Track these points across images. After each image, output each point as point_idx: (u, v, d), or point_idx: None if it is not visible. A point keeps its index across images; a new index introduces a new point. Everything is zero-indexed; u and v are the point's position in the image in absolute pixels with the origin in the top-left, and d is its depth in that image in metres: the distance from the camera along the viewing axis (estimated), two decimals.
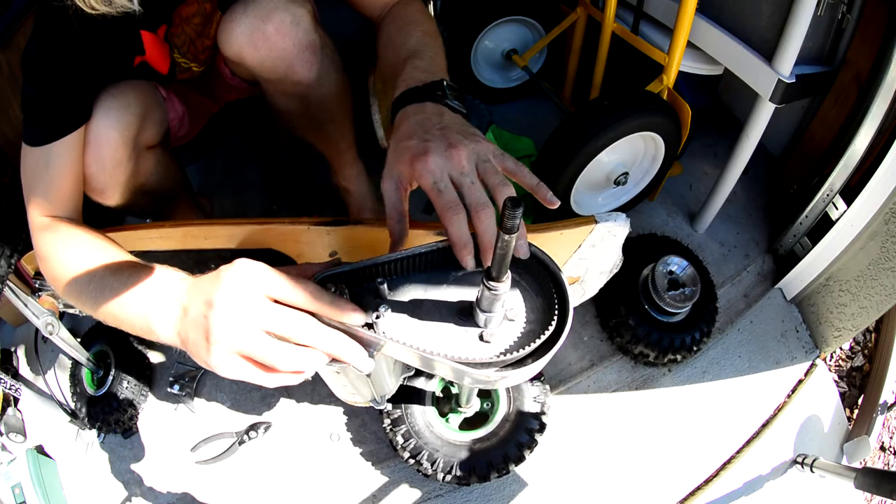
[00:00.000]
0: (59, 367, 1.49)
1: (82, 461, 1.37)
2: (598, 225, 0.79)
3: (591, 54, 1.50)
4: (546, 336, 0.50)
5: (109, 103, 0.87)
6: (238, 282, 0.47)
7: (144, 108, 0.93)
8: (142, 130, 0.94)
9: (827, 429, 1.35)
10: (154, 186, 1.07)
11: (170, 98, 1.08)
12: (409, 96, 0.66)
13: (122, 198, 0.97)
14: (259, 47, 0.90)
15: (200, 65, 1.07)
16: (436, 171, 0.54)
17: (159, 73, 1.01)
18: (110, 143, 0.87)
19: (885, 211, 1.13)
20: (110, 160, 0.89)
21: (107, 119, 0.87)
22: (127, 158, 0.92)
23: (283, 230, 0.85)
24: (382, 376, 0.70)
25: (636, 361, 1.31)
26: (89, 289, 0.68)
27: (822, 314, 1.38)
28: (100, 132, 0.86)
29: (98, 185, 0.91)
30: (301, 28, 0.91)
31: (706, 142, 1.69)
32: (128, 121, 0.89)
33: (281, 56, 0.92)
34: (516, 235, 0.41)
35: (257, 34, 0.89)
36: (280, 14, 0.88)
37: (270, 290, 0.47)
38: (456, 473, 1.08)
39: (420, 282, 0.57)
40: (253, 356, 0.47)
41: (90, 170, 0.88)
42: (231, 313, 0.46)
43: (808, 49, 1.18)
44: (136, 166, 0.96)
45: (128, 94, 0.90)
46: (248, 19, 0.88)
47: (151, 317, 0.56)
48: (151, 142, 0.99)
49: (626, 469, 1.23)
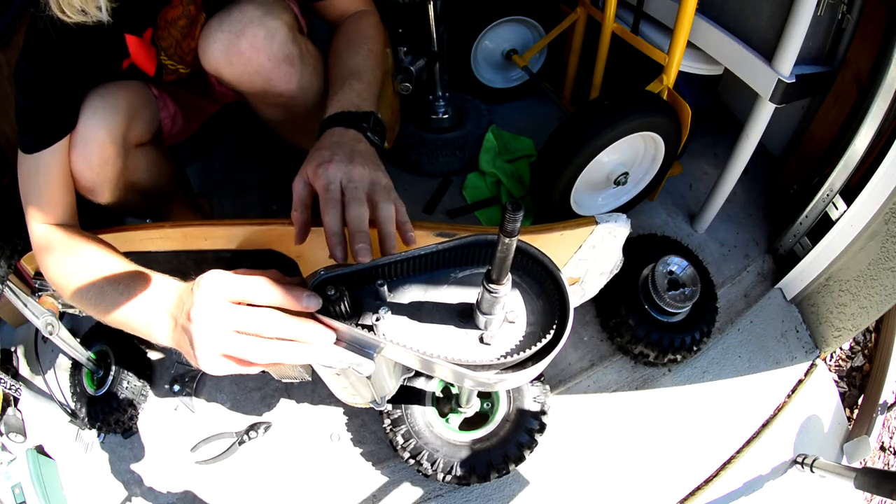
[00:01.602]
0: (59, 367, 1.49)
1: (82, 461, 1.37)
2: (599, 226, 0.79)
3: (591, 54, 1.50)
4: (547, 339, 0.50)
5: (97, 103, 0.88)
6: (205, 293, 0.52)
7: (132, 107, 0.94)
8: (130, 128, 0.94)
9: (827, 429, 1.35)
10: (147, 184, 1.07)
11: (162, 97, 1.08)
12: (338, 119, 0.77)
13: (112, 196, 0.98)
14: (234, 63, 0.89)
15: (188, 66, 1.07)
16: (331, 176, 0.66)
17: (146, 75, 1.01)
18: (97, 140, 0.88)
19: (885, 211, 1.13)
20: (97, 158, 0.90)
21: (94, 118, 0.88)
22: (115, 156, 0.92)
23: (282, 231, 0.85)
24: (382, 377, 0.70)
25: (636, 361, 1.31)
26: (89, 296, 0.72)
27: (822, 314, 1.38)
28: (87, 131, 0.87)
29: (87, 184, 0.92)
30: (276, 41, 0.89)
31: (706, 142, 1.69)
32: (115, 119, 0.90)
33: (257, 71, 0.91)
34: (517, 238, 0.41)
35: (232, 50, 0.88)
36: (254, 29, 0.87)
37: (232, 294, 0.52)
38: (456, 473, 1.08)
39: (420, 283, 0.57)
40: (232, 354, 0.52)
41: (78, 168, 0.89)
42: (204, 322, 0.52)
43: (808, 49, 1.18)
44: (126, 164, 0.97)
45: (116, 93, 0.91)
46: (222, 35, 0.88)
47: (150, 326, 0.62)
48: (141, 140, 1.00)
49: (626, 469, 1.23)
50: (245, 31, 0.87)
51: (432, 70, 1.49)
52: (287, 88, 0.96)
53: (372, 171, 0.68)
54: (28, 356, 1.58)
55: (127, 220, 1.40)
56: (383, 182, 0.68)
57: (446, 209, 1.56)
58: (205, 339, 0.52)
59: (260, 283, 0.52)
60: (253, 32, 0.87)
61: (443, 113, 1.63)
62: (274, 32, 0.89)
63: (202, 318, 0.52)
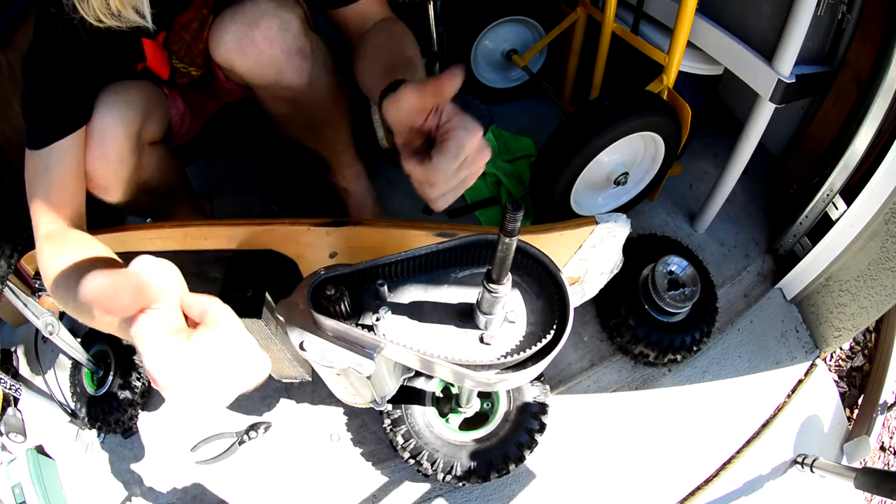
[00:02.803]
0: (59, 367, 1.48)
1: (82, 461, 1.37)
2: (599, 226, 0.79)
3: (591, 54, 1.50)
4: (547, 339, 0.50)
5: (113, 99, 0.87)
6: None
7: (147, 105, 0.93)
8: (145, 126, 0.93)
9: (827, 429, 1.35)
10: (156, 184, 1.07)
11: (172, 95, 1.08)
12: None
13: (124, 194, 0.97)
14: (247, 54, 0.89)
15: (199, 68, 1.07)
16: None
17: (160, 78, 1.01)
18: (115, 137, 0.87)
19: (885, 211, 1.13)
20: (114, 155, 0.89)
21: (110, 115, 0.86)
22: (130, 153, 0.92)
23: (283, 231, 0.85)
24: (383, 378, 0.70)
25: (636, 361, 1.31)
26: (63, 287, 0.70)
27: (822, 314, 1.38)
28: (104, 127, 0.86)
29: (102, 182, 0.91)
30: (290, 33, 0.90)
31: (706, 142, 1.69)
32: (131, 116, 0.89)
33: (270, 62, 0.91)
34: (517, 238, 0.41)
35: (245, 41, 0.88)
36: (268, 20, 0.87)
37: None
38: (456, 473, 1.08)
39: (420, 283, 0.57)
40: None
41: (94, 165, 0.88)
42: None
43: (808, 49, 1.18)
44: (139, 162, 0.96)
45: (131, 90, 0.90)
46: (235, 26, 0.88)
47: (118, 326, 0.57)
48: (154, 138, 0.99)
49: (626, 469, 1.23)
50: (259, 22, 0.87)
51: (432, 70, 1.50)
52: (298, 82, 0.96)
53: None
54: (28, 356, 1.58)
55: (127, 219, 1.40)
56: None
57: (446, 209, 1.56)
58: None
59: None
60: (267, 23, 0.87)
61: None
62: (287, 24, 0.89)
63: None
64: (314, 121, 1.10)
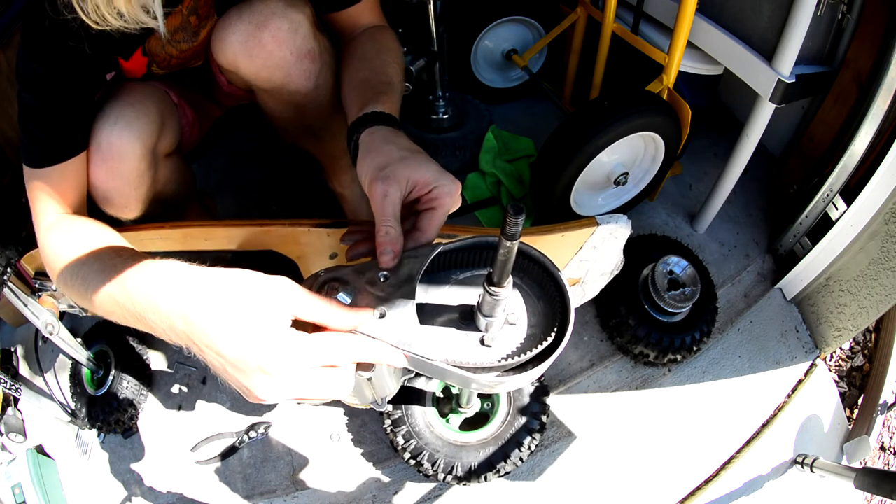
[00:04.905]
0: (59, 367, 1.48)
1: (82, 461, 1.37)
2: (600, 227, 0.79)
3: (591, 54, 1.50)
4: (548, 342, 0.50)
5: (128, 112, 0.82)
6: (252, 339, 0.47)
7: (161, 115, 0.88)
8: (161, 139, 0.89)
9: (827, 429, 1.35)
10: (169, 195, 1.03)
11: (181, 104, 1.04)
12: (394, 123, 0.72)
13: (141, 211, 0.93)
14: (255, 56, 0.84)
15: (170, 70, 1.01)
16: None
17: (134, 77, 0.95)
18: (133, 153, 0.83)
19: (885, 211, 1.13)
20: (134, 172, 0.85)
21: (126, 129, 0.82)
22: (147, 168, 0.88)
23: (283, 232, 0.85)
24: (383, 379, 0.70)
25: (636, 361, 1.31)
26: (80, 275, 0.66)
27: (822, 314, 1.38)
28: (119, 143, 0.82)
29: (121, 200, 0.87)
30: (299, 35, 0.84)
31: (706, 142, 1.69)
32: (149, 130, 0.85)
33: (278, 65, 0.86)
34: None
35: (252, 42, 0.83)
36: (277, 20, 0.82)
37: (295, 311, 0.49)
38: (456, 474, 1.08)
39: (421, 285, 0.57)
40: (299, 399, 0.50)
41: (108, 185, 0.83)
42: (271, 379, 0.47)
43: (808, 49, 1.18)
44: (156, 176, 0.92)
45: (144, 101, 0.86)
46: (243, 26, 0.83)
47: (156, 332, 0.54)
48: (169, 149, 0.95)
49: (627, 469, 1.23)
50: (268, 22, 0.82)
51: (432, 70, 1.49)
52: (305, 85, 0.90)
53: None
54: (28, 356, 1.58)
55: None
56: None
57: None
58: (270, 393, 0.48)
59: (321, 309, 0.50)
60: (276, 24, 0.82)
61: (443, 113, 1.63)
62: (297, 26, 0.84)
63: (267, 375, 0.47)
64: (315, 126, 1.06)
